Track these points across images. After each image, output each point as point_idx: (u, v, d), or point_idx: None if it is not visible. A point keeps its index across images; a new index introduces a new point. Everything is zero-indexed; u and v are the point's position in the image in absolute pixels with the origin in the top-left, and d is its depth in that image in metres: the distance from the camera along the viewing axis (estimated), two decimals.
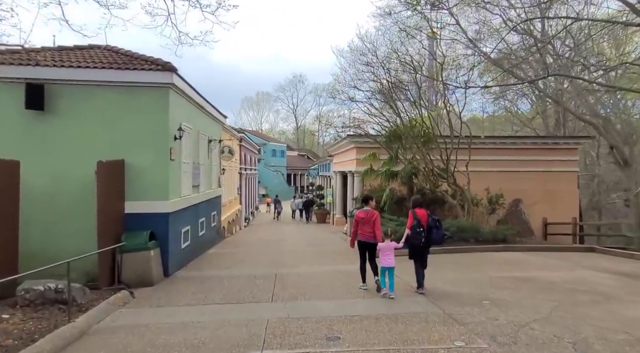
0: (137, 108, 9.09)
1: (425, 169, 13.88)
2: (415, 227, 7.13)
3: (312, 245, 15.33)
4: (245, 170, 27.46)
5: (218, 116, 15.53)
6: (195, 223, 12.09)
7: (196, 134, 12.20)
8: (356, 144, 18.75)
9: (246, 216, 26.96)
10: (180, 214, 10.23)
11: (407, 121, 14.02)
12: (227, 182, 19.49)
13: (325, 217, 29.21)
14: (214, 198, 15.04)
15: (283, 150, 60.93)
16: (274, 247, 14.71)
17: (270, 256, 12.27)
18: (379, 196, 16.39)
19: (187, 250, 10.96)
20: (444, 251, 11.59)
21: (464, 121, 14.94)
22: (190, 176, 11.29)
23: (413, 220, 7.19)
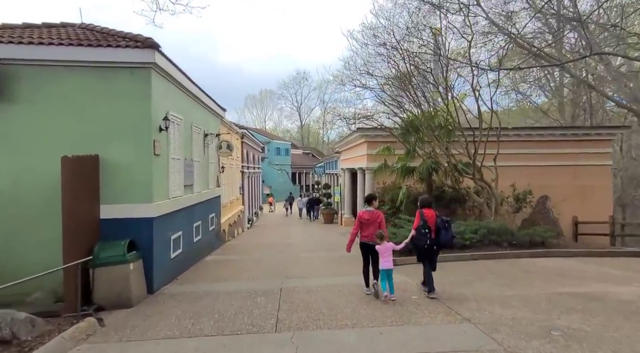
0: (113, 94, 7.63)
1: (448, 164, 12.33)
2: (421, 228, 6.89)
3: (321, 249, 13.85)
4: (247, 169, 26.02)
5: (215, 108, 14.06)
6: (189, 228, 10.63)
7: (189, 127, 10.74)
8: (367, 138, 17.22)
9: (249, 217, 25.53)
10: (169, 219, 8.77)
11: (427, 109, 12.44)
12: (227, 181, 18.04)
13: (332, 217, 27.73)
14: (211, 198, 13.58)
15: (287, 148, 59.45)
16: (279, 252, 13.24)
17: (275, 264, 10.80)
18: (394, 195, 14.94)
19: (179, 260, 9.50)
20: (473, 258, 10.08)
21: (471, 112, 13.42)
22: (182, 175, 9.83)
23: (420, 221, 6.94)
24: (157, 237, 7.97)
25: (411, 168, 14.20)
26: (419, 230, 6.93)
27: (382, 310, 6.20)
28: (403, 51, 10.93)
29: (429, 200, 7.52)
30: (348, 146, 21.57)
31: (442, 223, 6.94)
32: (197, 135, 11.70)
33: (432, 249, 6.98)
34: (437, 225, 6.90)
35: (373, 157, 17.17)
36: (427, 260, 7.02)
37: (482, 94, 13.28)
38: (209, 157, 13.21)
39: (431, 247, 6.94)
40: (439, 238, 6.91)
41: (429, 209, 7.09)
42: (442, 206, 14.66)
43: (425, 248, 6.92)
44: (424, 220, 6.92)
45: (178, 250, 9.47)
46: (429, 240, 6.87)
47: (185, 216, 10.21)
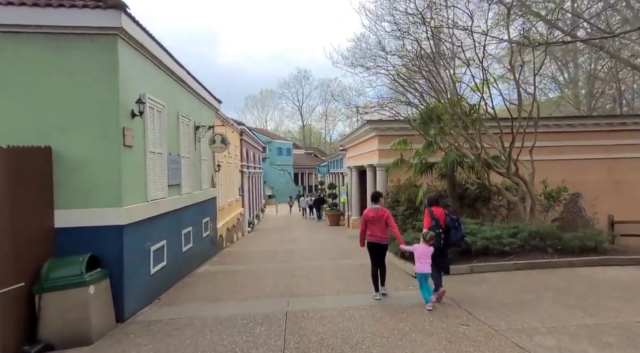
0: (70, 68, 5.99)
1: (476, 158, 10.64)
2: (434, 228, 6.58)
3: (329, 257, 12.18)
4: (247, 168, 24.38)
5: (209, 98, 12.43)
6: (176, 236, 8.99)
7: (174, 116, 9.10)
8: (378, 131, 15.55)
9: (250, 220, 23.89)
10: (148, 226, 7.14)
11: (451, 94, 10.74)
12: (224, 181, 16.40)
13: (338, 219, 26.06)
14: (205, 201, 11.95)
15: (289, 148, 57.85)
16: (283, 261, 11.58)
17: (278, 276, 9.14)
18: (411, 194, 13.27)
19: (162, 275, 7.86)
20: (517, 267, 8.41)
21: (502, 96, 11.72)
22: (165, 172, 8.19)
23: (431, 220, 6.65)
24: (129, 249, 6.32)
25: (431, 164, 12.55)
26: (432, 229, 6.55)
27: (425, 348, 4.54)
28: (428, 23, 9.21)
29: (437, 198, 7.24)
30: (356, 141, 19.90)
31: (452, 222, 6.68)
32: (186, 127, 10.07)
33: (443, 250, 6.71)
34: (446, 224, 6.63)
35: (385, 152, 15.50)
36: (437, 261, 6.55)
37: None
38: (201, 153, 11.57)
39: (443, 248, 6.66)
40: (449, 237, 6.64)
41: (438, 208, 6.83)
42: (466, 206, 13.01)
43: (439, 248, 6.53)
44: (435, 219, 6.64)
45: (161, 263, 7.83)
46: (443, 240, 6.59)
47: (171, 222, 8.57)
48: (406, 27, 9.85)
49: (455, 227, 6.71)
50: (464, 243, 8.62)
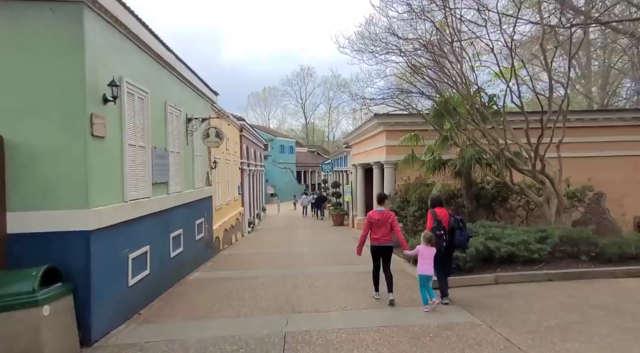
0: (26, 43, 5.01)
1: (499, 153, 9.58)
2: (436, 229, 6.43)
3: (335, 261, 11.18)
4: (248, 166, 23.39)
5: (202, 88, 11.43)
6: (162, 240, 8.01)
7: (160, 106, 8.11)
8: (386, 126, 14.52)
9: (250, 220, 22.91)
10: (125, 230, 6.15)
11: (469, 83, 9.68)
12: (222, 179, 15.42)
13: (342, 219, 25.05)
14: (199, 200, 10.96)
15: (292, 146, 56.83)
16: (283, 267, 10.58)
17: (277, 286, 8.16)
18: (422, 193, 12.25)
19: (144, 285, 6.88)
20: (549, 277, 7.39)
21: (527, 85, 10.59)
22: (148, 168, 7.20)
23: (433, 221, 6.50)
24: (99, 259, 5.34)
25: (444, 161, 11.53)
26: (434, 231, 6.39)
27: None
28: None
29: (441, 198, 7.01)
30: (361, 137, 18.88)
31: (457, 223, 6.46)
32: (176, 119, 9.08)
33: (447, 252, 6.51)
34: (451, 225, 6.44)
35: (394, 149, 14.47)
36: (440, 264, 6.38)
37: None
38: (194, 148, 10.58)
39: (447, 250, 6.47)
40: (453, 239, 6.45)
41: (442, 208, 6.63)
42: (483, 207, 11.99)
43: (441, 251, 6.33)
44: (438, 220, 6.44)
45: (142, 272, 6.84)
46: (445, 242, 6.38)
47: (156, 225, 7.58)
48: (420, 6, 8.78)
49: (460, 228, 6.48)
50: (487, 249, 7.73)
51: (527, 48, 13.59)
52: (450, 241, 6.45)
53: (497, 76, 9.68)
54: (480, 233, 8.66)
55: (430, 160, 11.18)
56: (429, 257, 6.16)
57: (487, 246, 7.94)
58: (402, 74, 11.38)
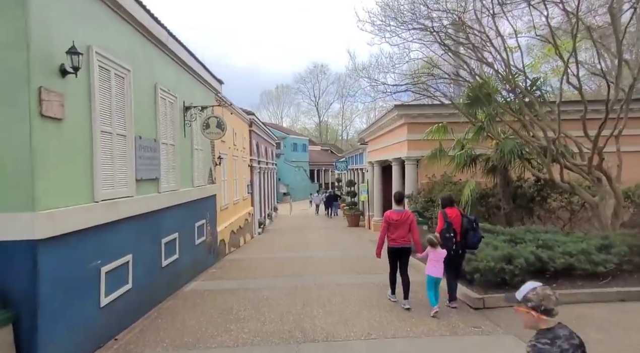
0: None
1: (549, 147, 8.13)
2: (445, 231, 6.11)
3: (352, 269, 9.87)
4: (258, 163, 22.21)
5: (204, 74, 10.22)
6: (150, 247, 6.80)
7: (148, 89, 6.90)
8: (408, 118, 13.15)
9: (261, 220, 21.72)
10: (95, 237, 4.95)
11: (507, 65, 8.23)
12: (229, 177, 14.23)
13: (358, 219, 23.69)
14: (200, 199, 9.77)
15: (305, 144, 55.55)
16: (294, 275, 9.32)
17: (286, 301, 6.91)
18: (453, 192, 10.86)
19: (124, 303, 5.68)
20: (621, 297, 5.96)
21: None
22: (130, 162, 5.99)
23: (443, 223, 6.18)
24: (52, 276, 4.13)
25: (476, 155, 10.12)
26: (442, 233, 6.17)
27: None
28: None
29: (452, 198, 6.62)
30: (379, 132, 17.50)
31: (469, 224, 6.18)
32: (169, 106, 7.87)
33: (458, 254, 6.23)
34: (463, 226, 6.16)
35: (416, 143, 13.11)
36: (450, 267, 6.18)
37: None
38: (193, 141, 9.38)
39: (457, 252, 6.19)
40: (466, 240, 6.16)
41: (453, 209, 6.36)
42: (521, 207, 10.55)
43: (450, 254, 6.08)
44: (448, 222, 6.18)
45: (122, 287, 5.64)
46: (454, 245, 6.13)
47: (142, 229, 6.38)
48: None
49: (473, 229, 6.16)
50: (538, 259, 6.36)
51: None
52: (463, 243, 6.17)
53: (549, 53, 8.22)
54: (527, 239, 7.27)
55: (460, 155, 9.79)
56: (437, 259, 5.94)
57: (539, 257, 6.56)
58: (428, 58, 9.96)
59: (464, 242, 6.16)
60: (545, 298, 2.03)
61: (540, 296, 2.04)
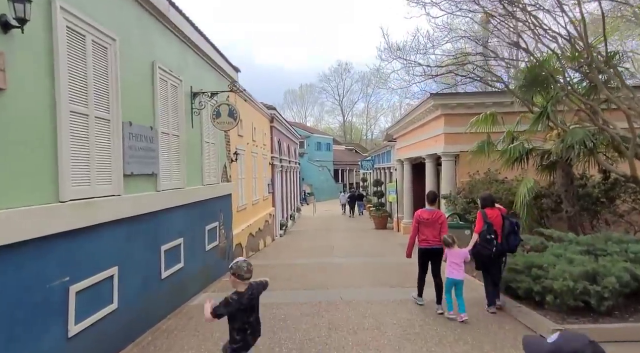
0: None
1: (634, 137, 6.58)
2: (485, 233, 5.81)
3: (384, 280, 8.55)
4: (280, 161, 21.08)
5: (216, 57, 9.07)
6: (146, 256, 5.66)
7: (143, 66, 5.76)
8: (445, 109, 11.69)
9: (282, 221, 20.58)
10: (60, 249, 3.82)
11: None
12: (247, 175, 13.10)
13: (385, 221, 22.27)
14: (211, 199, 8.64)
15: (329, 143, 54.30)
16: (316, 289, 8.08)
17: (307, 322, 5.67)
18: (499, 191, 9.40)
19: (107, 328, 4.54)
20: None
21: None
22: (115, 152, 4.85)
23: (483, 224, 5.86)
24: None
25: (531, 148, 8.60)
26: (482, 235, 5.82)
27: None
28: None
29: (492, 197, 6.28)
30: (410, 127, 16.04)
31: (511, 226, 5.88)
32: (171, 89, 6.74)
33: (498, 257, 5.91)
34: (506, 230, 5.84)
35: (454, 137, 11.67)
36: (489, 271, 5.94)
37: None
38: (202, 133, 8.25)
39: (498, 256, 5.88)
40: (507, 243, 5.84)
41: (493, 209, 6.02)
42: (585, 210, 8.96)
43: (490, 257, 5.81)
44: (488, 223, 5.84)
45: (102, 308, 4.50)
46: (495, 248, 5.77)
47: (133, 235, 5.25)
48: None
49: (514, 232, 5.93)
50: (634, 279, 4.91)
51: None
52: (505, 247, 5.85)
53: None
54: (611, 251, 5.77)
55: (514, 148, 8.29)
56: (455, 262, 5.69)
57: (635, 275, 5.07)
58: (475, 32, 8.51)
59: (506, 245, 5.85)
60: (239, 267, 3.35)
61: (237, 266, 3.35)
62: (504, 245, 5.84)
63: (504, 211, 6.26)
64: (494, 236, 5.80)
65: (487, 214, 5.96)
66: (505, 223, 5.89)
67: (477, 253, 5.98)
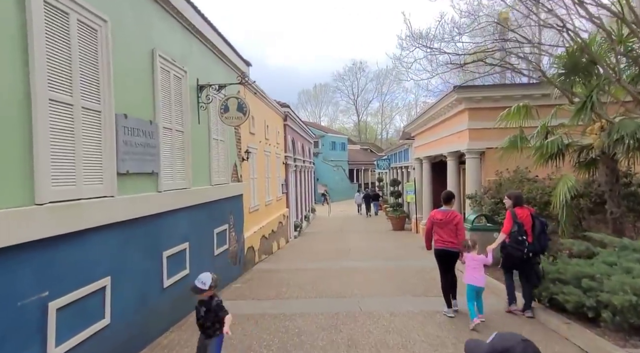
0: None
1: None
2: (516, 234, 5.62)
3: (407, 288, 7.88)
4: (294, 161, 20.52)
5: (225, 48, 8.51)
6: (145, 264, 5.10)
7: (141, 53, 5.19)
8: (470, 103, 10.93)
9: (297, 222, 20.00)
10: (37, 259, 3.27)
11: None
12: (259, 175, 12.55)
13: (403, 222, 21.52)
14: (220, 200, 8.09)
15: (344, 142, 53.59)
16: (333, 295, 7.46)
17: (324, 338, 5.05)
18: (531, 191, 8.65)
19: (98, 347, 3.99)
20: None
21: None
22: (108, 147, 4.29)
23: (512, 225, 5.68)
24: None
25: (569, 143, 7.81)
26: (513, 236, 5.64)
27: None
28: None
29: (522, 196, 6.27)
30: (430, 124, 15.27)
31: (541, 226, 5.70)
32: (175, 80, 6.18)
33: (530, 258, 5.61)
34: (534, 228, 5.65)
35: (479, 133, 10.92)
36: (521, 274, 5.75)
37: None
38: (210, 130, 7.70)
39: (528, 256, 5.59)
40: (540, 244, 5.65)
41: (523, 209, 5.83)
42: (631, 210, 8.13)
43: (522, 259, 5.59)
44: (519, 223, 5.65)
45: (90, 326, 3.95)
46: (527, 249, 5.56)
47: (130, 241, 4.70)
48: None
49: (544, 232, 5.73)
50: None
51: None
52: (537, 247, 5.65)
53: None
54: None
55: (551, 142, 7.50)
56: (475, 267, 5.48)
57: None
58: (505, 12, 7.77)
59: (537, 245, 5.65)
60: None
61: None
62: (535, 245, 5.64)
63: (533, 211, 6.05)
64: (524, 237, 5.63)
65: (517, 214, 5.74)
66: (535, 222, 5.72)
67: (508, 255, 5.78)
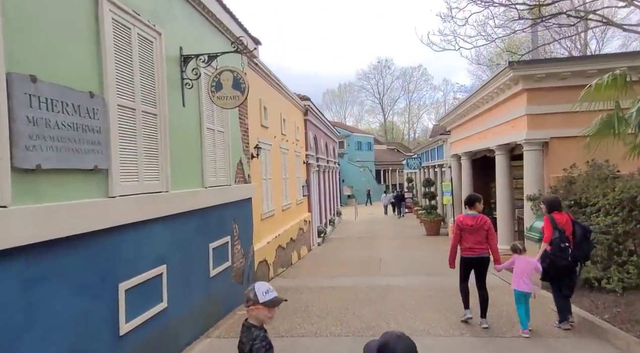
0: None
1: None
2: (558, 241, 5.25)
3: (455, 318, 5.93)
4: (317, 160, 18.72)
5: (222, 16, 6.78)
6: (83, 306, 3.38)
7: None
8: (529, 82, 8.84)
9: (320, 228, 18.18)
10: None
11: None
12: (274, 176, 10.79)
13: (438, 226, 19.37)
14: (218, 206, 6.34)
15: (370, 142, 51.48)
16: (364, 328, 5.60)
17: None
18: (628, 190, 6.57)
19: None
20: None
21: None
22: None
23: (553, 231, 5.31)
24: None
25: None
26: (555, 244, 5.25)
27: None
28: None
29: (559, 200, 5.74)
30: (473, 112, 13.14)
31: (583, 231, 5.36)
32: (140, 43, 4.45)
33: (572, 266, 5.30)
34: (578, 237, 5.30)
35: (541, 119, 8.88)
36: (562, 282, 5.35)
37: None
38: (202, 115, 5.98)
39: (573, 265, 5.30)
40: (582, 250, 5.30)
41: (561, 214, 5.51)
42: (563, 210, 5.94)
43: (567, 268, 5.25)
44: (559, 230, 5.26)
45: None
46: (571, 256, 5.23)
47: (53, 273, 2.98)
48: None
49: (587, 238, 5.37)
50: None
51: None
52: (580, 255, 5.29)
53: None
54: None
55: None
56: (523, 271, 5.22)
57: None
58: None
59: (580, 252, 5.28)
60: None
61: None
62: (577, 252, 5.30)
63: (572, 216, 5.71)
64: (567, 244, 5.29)
65: (555, 219, 5.39)
66: (576, 228, 5.40)
67: (551, 264, 5.31)
